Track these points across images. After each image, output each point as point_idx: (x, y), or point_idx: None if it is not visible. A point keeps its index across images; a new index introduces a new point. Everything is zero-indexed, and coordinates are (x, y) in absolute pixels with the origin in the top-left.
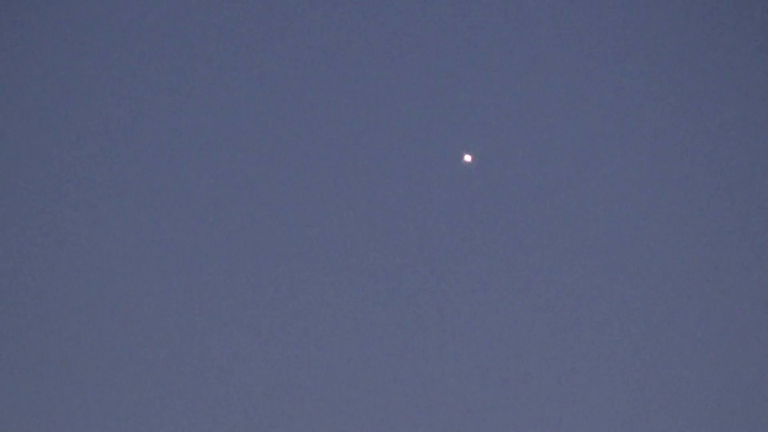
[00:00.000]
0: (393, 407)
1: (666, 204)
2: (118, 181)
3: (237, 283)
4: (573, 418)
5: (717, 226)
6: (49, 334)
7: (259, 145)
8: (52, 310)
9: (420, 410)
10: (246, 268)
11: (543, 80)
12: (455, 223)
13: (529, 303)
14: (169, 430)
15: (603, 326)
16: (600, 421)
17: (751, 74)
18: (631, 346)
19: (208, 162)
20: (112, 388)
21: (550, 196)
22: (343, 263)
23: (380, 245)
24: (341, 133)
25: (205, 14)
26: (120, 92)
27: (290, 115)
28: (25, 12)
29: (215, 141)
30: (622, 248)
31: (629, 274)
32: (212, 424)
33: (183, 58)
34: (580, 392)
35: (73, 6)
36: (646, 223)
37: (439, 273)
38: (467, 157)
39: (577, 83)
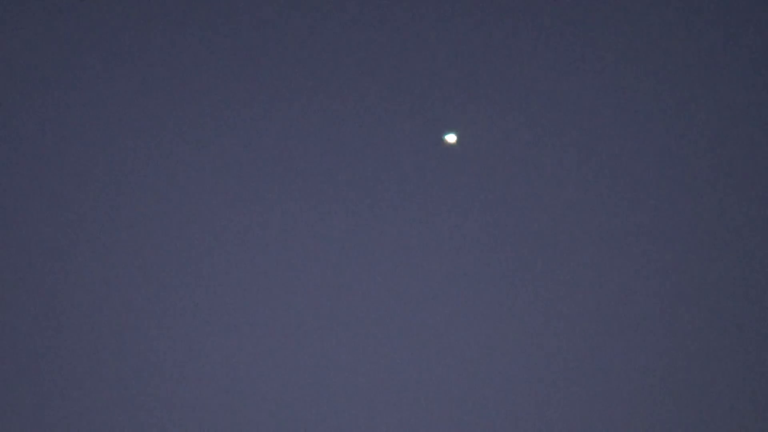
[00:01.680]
0: (385, 410)
1: (661, 203)
2: (117, 181)
3: (225, 283)
4: (571, 418)
5: (710, 227)
6: (48, 334)
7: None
8: (51, 310)
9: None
10: (230, 264)
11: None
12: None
13: (524, 299)
14: (169, 430)
15: (598, 327)
16: (598, 422)
17: (751, 74)
18: (628, 347)
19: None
20: (111, 388)
21: (546, 192)
22: (332, 259)
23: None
24: (328, 127)
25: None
26: (119, 92)
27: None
28: (25, 12)
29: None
30: (615, 247)
31: (621, 273)
32: (211, 424)
33: (180, 59)
34: (576, 394)
35: (72, 7)
36: (641, 224)
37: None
38: (451, 138)
39: (571, 79)
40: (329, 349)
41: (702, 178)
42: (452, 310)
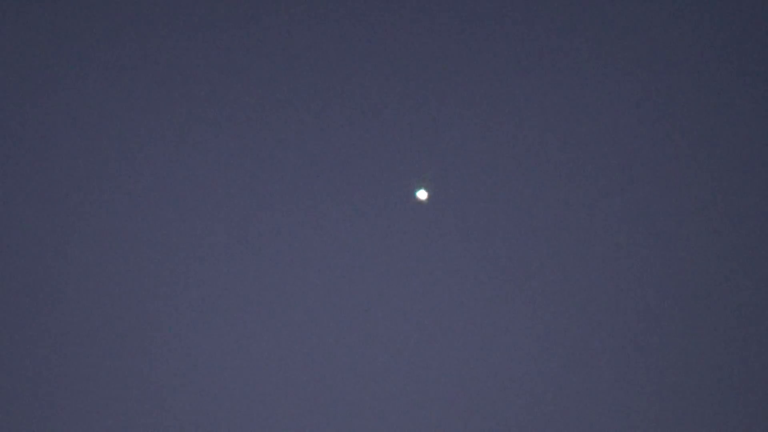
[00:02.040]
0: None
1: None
2: (117, 181)
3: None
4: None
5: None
6: (48, 334)
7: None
8: (51, 310)
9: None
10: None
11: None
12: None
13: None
14: (167, 429)
15: (598, 328)
16: (598, 422)
17: (751, 74)
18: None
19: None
20: (111, 389)
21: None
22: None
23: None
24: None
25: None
26: (119, 93)
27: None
28: (25, 12)
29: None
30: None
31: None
32: (211, 424)
33: (177, 61)
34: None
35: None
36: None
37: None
38: (422, 194)
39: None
40: (329, 350)
41: (701, 178)
42: (452, 310)
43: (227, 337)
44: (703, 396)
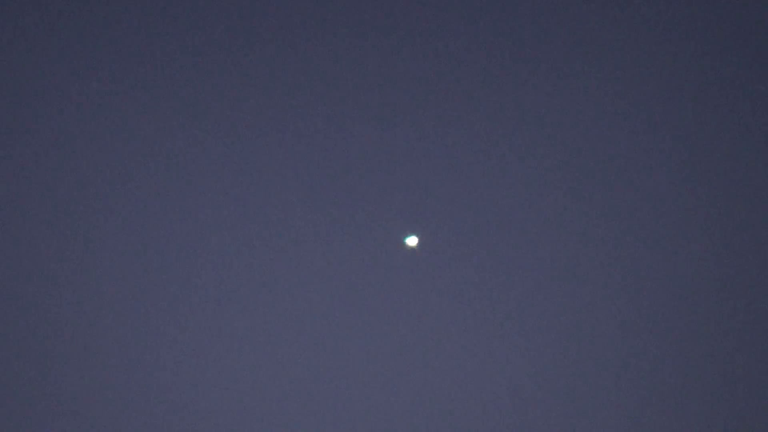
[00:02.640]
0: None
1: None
2: (118, 182)
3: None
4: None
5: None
6: (49, 334)
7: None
8: (52, 310)
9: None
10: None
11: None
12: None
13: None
14: (167, 429)
15: (597, 330)
16: (599, 421)
17: (751, 75)
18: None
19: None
20: (111, 389)
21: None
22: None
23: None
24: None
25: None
26: (119, 93)
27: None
28: (25, 12)
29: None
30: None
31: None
32: (211, 425)
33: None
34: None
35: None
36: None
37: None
38: (412, 241)
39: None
40: (329, 351)
41: (700, 179)
42: (452, 310)
43: (225, 337)
44: (703, 396)
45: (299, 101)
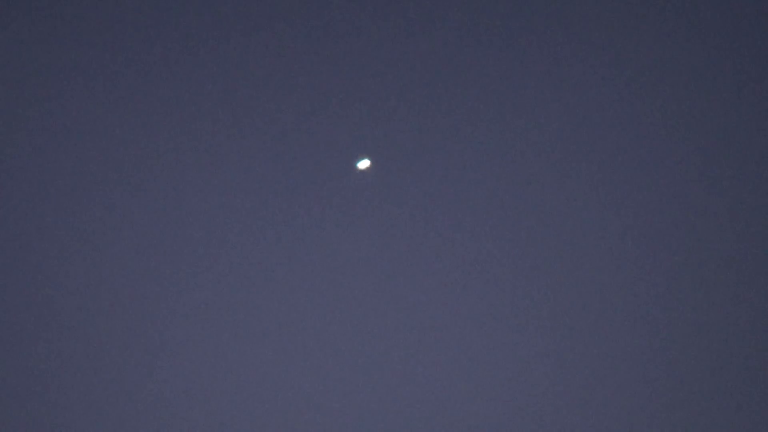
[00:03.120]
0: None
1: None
2: (118, 182)
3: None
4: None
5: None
6: (48, 335)
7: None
8: (52, 310)
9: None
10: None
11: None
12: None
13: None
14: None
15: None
16: (598, 422)
17: (751, 75)
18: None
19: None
20: (110, 389)
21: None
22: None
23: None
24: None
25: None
26: (120, 93)
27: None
28: (24, 12)
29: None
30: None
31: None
32: (211, 425)
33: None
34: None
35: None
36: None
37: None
38: (363, 164)
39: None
40: (328, 351)
41: (699, 179)
42: (451, 311)
43: (223, 338)
44: (703, 396)
45: (296, 99)
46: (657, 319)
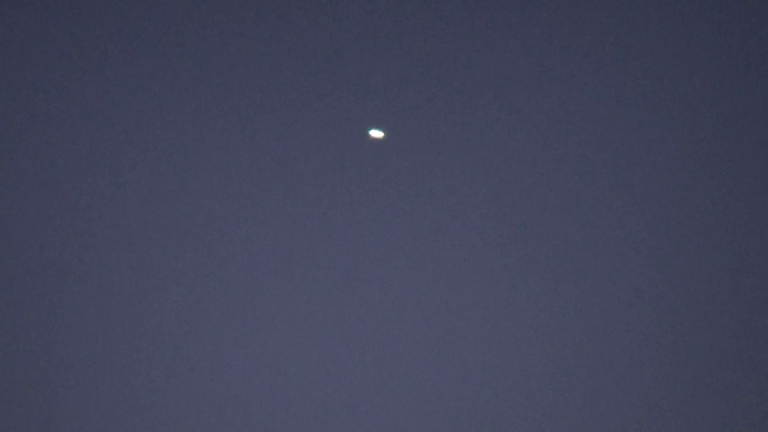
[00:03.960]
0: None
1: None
2: (119, 183)
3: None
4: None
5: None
6: (49, 335)
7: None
8: (52, 310)
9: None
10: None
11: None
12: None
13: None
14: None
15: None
16: (597, 422)
17: (751, 75)
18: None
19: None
20: (110, 389)
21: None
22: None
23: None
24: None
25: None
26: (120, 93)
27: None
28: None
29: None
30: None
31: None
32: (211, 425)
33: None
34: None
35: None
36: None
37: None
38: (377, 133)
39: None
40: (328, 351)
41: (697, 179)
42: (451, 311)
43: (230, 334)
44: (702, 397)
45: (294, 98)
46: (657, 318)
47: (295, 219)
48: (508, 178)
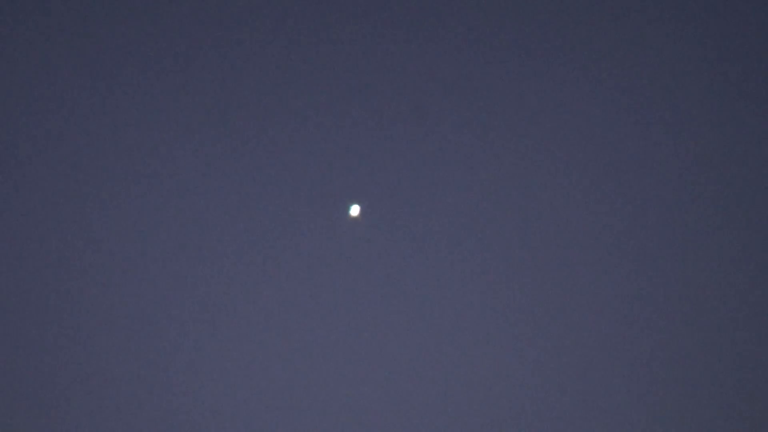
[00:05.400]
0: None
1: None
2: (119, 183)
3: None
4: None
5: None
6: (48, 335)
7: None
8: (52, 310)
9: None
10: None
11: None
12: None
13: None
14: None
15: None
16: (598, 422)
17: (751, 75)
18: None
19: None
20: (110, 389)
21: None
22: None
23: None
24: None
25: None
26: (120, 93)
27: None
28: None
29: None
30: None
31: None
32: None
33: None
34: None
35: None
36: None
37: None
38: (354, 211)
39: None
40: (328, 351)
41: (696, 179)
42: (451, 310)
43: (229, 335)
44: (702, 397)
45: (294, 98)
46: (656, 319)
47: (295, 219)
48: (506, 179)
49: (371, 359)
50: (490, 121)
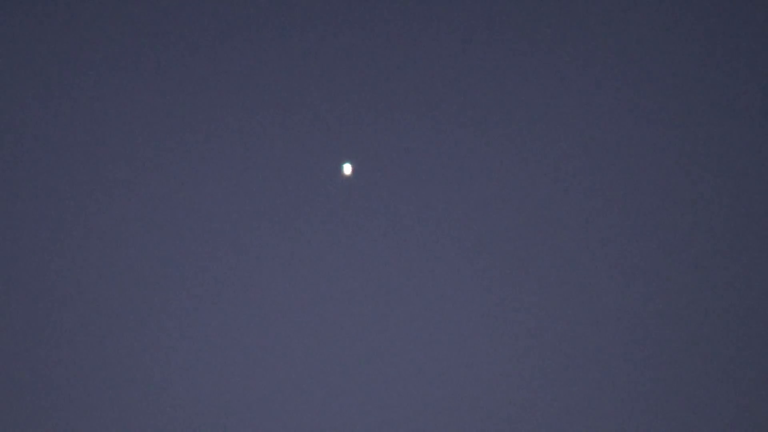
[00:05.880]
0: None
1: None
2: (119, 183)
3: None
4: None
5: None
6: (49, 335)
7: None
8: (52, 311)
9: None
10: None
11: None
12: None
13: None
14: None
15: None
16: (597, 422)
17: (751, 75)
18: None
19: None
20: (110, 389)
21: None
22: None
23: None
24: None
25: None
26: (120, 93)
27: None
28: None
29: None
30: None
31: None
32: (207, 425)
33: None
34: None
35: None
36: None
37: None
38: (347, 169)
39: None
40: (328, 351)
41: (696, 179)
42: (451, 310)
43: (229, 335)
44: (702, 397)
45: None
46: (657, 319)
47: (295, 219)
48: (504, 180)
49: (369, 362)
50: (485, 121)
